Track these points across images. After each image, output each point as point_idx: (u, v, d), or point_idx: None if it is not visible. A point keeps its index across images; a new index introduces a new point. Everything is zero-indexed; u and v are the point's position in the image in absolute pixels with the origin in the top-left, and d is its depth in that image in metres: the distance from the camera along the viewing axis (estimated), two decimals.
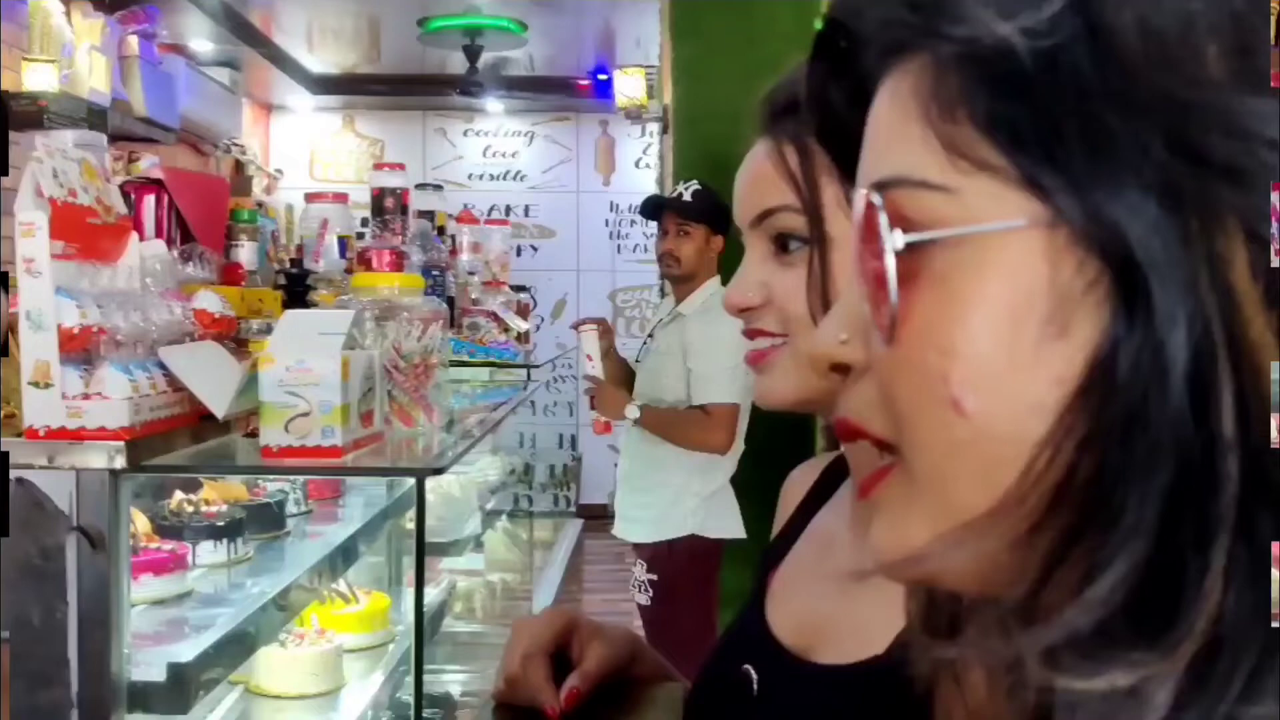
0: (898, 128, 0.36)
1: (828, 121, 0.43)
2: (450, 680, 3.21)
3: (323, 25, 6.35)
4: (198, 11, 5.34)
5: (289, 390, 1.41)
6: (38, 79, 4.06)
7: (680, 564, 3.16)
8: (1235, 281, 0.30)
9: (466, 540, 3.44)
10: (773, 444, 3.52)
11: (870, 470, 0.38)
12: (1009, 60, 0.33)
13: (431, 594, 3.08)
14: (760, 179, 0.79)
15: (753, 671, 0.76)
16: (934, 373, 0.34)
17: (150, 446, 1.42)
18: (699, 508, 3.20)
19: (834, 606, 0.74)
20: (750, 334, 0.79)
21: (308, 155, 7.80)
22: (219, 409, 1.44)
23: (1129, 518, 0.30)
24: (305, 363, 1.42)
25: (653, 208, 3.54)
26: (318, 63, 7.08)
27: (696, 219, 3.34)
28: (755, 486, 3.37)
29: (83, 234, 1.42)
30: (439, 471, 1.53)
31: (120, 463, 1.35)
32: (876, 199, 0.36)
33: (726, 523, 3.21)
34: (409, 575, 3.14)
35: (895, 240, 0.35)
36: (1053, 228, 0.32)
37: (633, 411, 3.24)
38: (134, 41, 5.03)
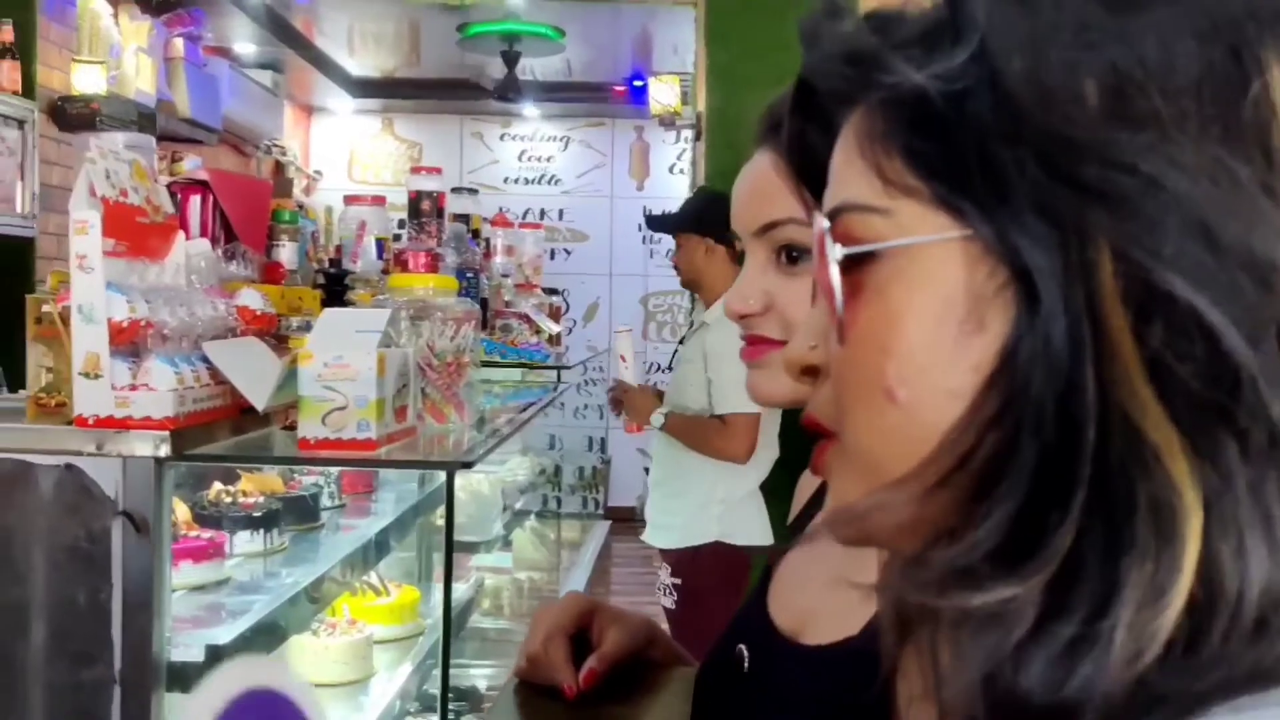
0: (845, 163, 0.43)
1: (805, 162, 0.50)
2: (477, 674, 3.26)
3: (363, 29, 6.44)
4: (241, 14, 5.44)
5: (326, 385, 1.47)
6: (86, 80, 4.16)
7: (704, 570, 3.19)
8: (1102, 283, 0.35)
9: (495, 538, 3.49)
10: (803, 450, 3.55)
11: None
12: (924, 102, 0.39)
13: (460, 590, 3.13)
14: (763, 191, 0.82)
15: (745, 651, 0.81)
16: (873, 368, 0.41)
17: (193, 437, 1.48)
18: (724, 515, 3.22)
19: (821, 594, 0.78)
20: (750, 339, 0.83)
21: (347, 157, 7.90)
22: (259, 402, 1.50)
23: (1012, 477, 0.36)
24: (343, 359, 1.47)
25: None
26: (358, 66, 7.17)
27: (687, 229, 3.37)
28: (787, 491, 3.40)
29: (132, 232, 1.48)
30: (469, 465, 1.58)
31: (165, 451, 1.41)
32: (825, 224, 0.43)
33: (752, 530, 3.22)
34: (438, 570, 3.20)
35: (836, 253, 0.42)
36: (967, 241, 0.39)
37: (658, 419, 3.27)
38: (179, 44, 5.14)
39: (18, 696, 1.42)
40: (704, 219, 3.36)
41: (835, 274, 0.41)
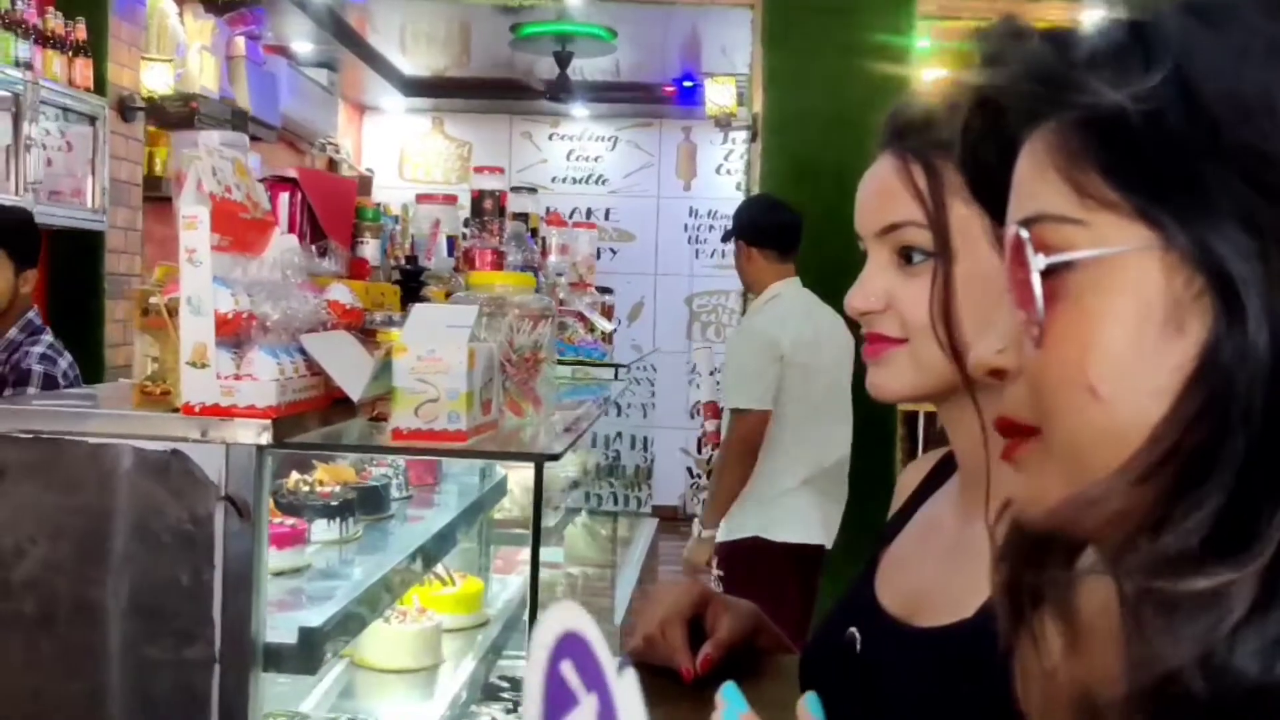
0: (1038, 177, 0.46)
1: (979, 175, 0.53)
2: None
3: (416, 28, 6.52)
4: (299, 13, 5.53)
5: (420, 378, 1.52)
6: (154, 78, 4.25)
7: (743, 564, 3.28)
8: None
9: (549, 532, 3.55)
10: (871, 450, 3.58)
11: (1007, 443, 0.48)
12: (1120, 120, 0.42)
13: (516, 582, 3.19)
14: (886, 193, 0.85)
15: (857, 633, 0.84)
16: (1073, 368, 0.44)
17: (290, 426, 1.53)
18: (760, 511, 3.29)
19: (934, 579, 0.82)
20: (870, 337, 0.86)
21: (397, 156, 8.00)
22: (355, 393, 1.55)
23: (1220, 470, 0.39)
24: (436, 352, 1.52)
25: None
26: (410, 65, 7.26)
27: (730, 235, 3.53)
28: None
29: (235, 228, 1.54)
30: (555, 457, 1.62)
31: (266, 439, 1.46)
32: (1024, 232, 0.46)
33: (792, 527, 3.27)
34: (496, 562, 3.26)
35: (1039, 262, 0.45)
36: (1165, 250, 0.42)
37: (700, 529, 3.45)
38: (241, 42, 5.24)
39: (124, 672, 1.48)
40: (739, 224, 3.47)
41: (1037, 281, 0.44)
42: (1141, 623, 0.40)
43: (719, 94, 5.01)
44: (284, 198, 1.92)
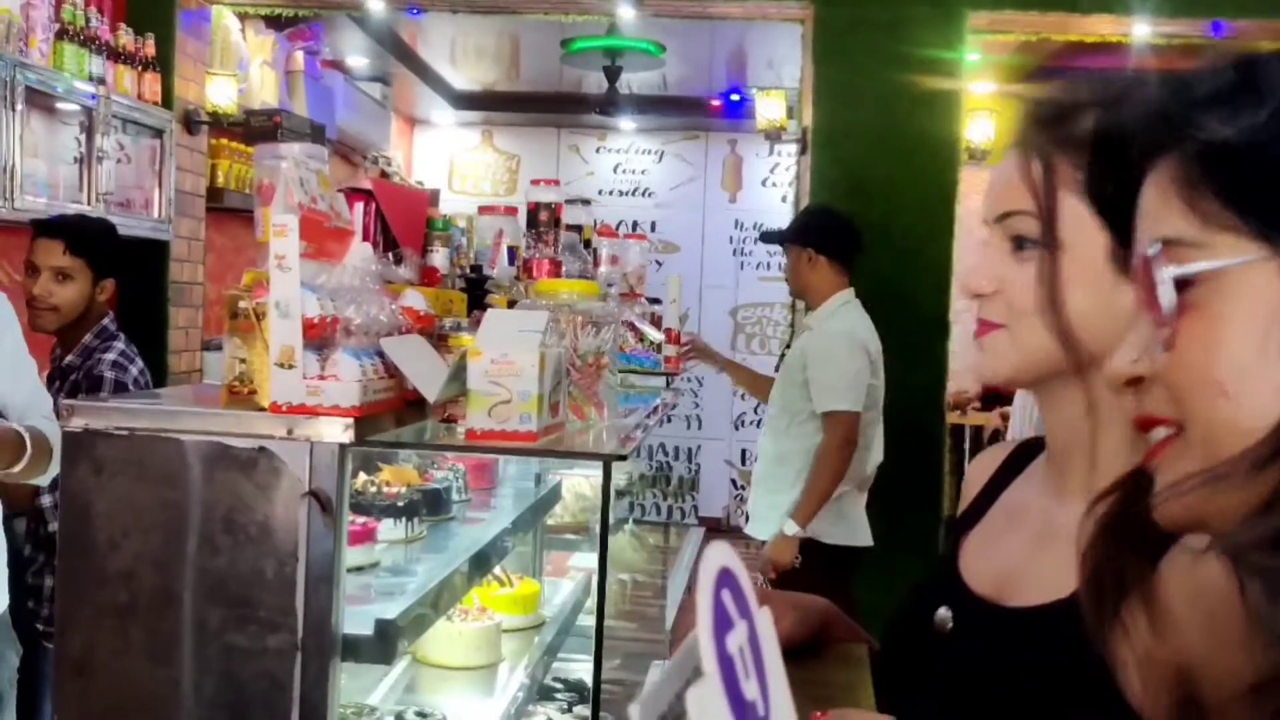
0: (1163, 204, 0.53)
1: (1105, 204, 0.59)
2: (582, 669, 3.36)
3: (466, 43, 6.64)
4: (356, 29, 5.65)
5: (493, 380, 1.58)
6: (219, 92, 4.37)
7: (812, 565, 3.36)
8: None
9: (596, 538, 3.60)
10: (903, 458, 3.61)
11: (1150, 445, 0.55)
12: (1235, 152, 0.49)
13: (567, 587, 3.25)
14: (1005, 183, 0.89)
15: (949, 613, 0.88)
16: (1201, 369, 0.51)
17: (369, 425, 1.60)
18: (831, 515, 3.34)
19: (1024, 561, 0.86)
20: (979, 321, 0.91)
21: (447, 168, 8.12)
22: (431, 394, 1.62)
23: None
24: (508, 356, 1.58)
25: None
26: (461, 79, 7.38)
27: (792, 241, 3.58)
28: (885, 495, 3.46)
29: (319, 236, 1.61)
30: (623, 458, 1.68)
31: (349, 437, 1.53)
32: (1154, 250, 0.53)
33: (841, 530, 3.33)
34: (549, 566, 3.32)
35: (1170, 272, 0.52)
36: (1262, 264, 0.48)
37: (790, 527, 3.45)
38: (299, 57, 5.36)
39: (211, 658, 1.55)
40: (807, 231, 3.51)
41: (1169, 290, 0.51)
42: (1268, 599, 0.45)
43: (769, 107, 5.06)
44: (359, 207, 2.00)
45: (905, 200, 3.85)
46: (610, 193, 8.13)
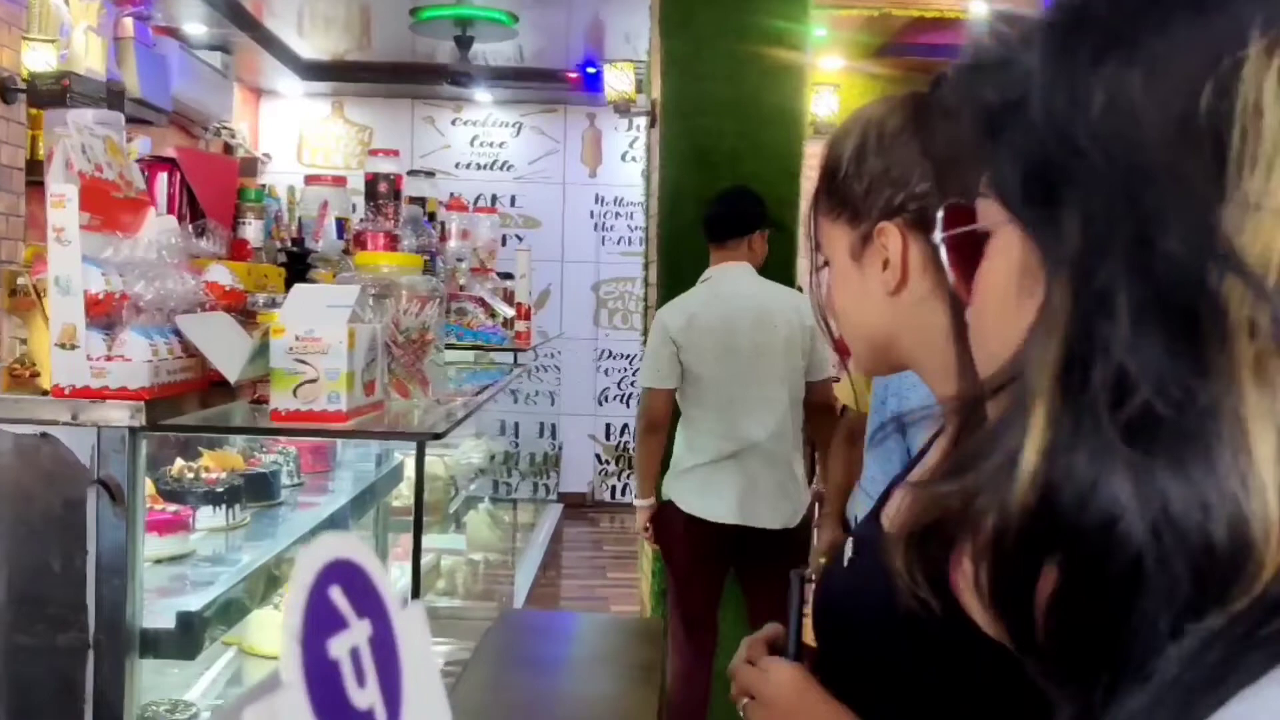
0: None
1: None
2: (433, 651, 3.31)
3: (314, 11, 6.41)
4: None
5: (298, 358, 1.51)
6: (37, 59, 4.12)
7: (657, 523, 3.44)
8: (1078, 246, 0.44)
9: (449, 519, 3.54)
10: None
11: None
12: (994, 117, 0.48)
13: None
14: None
15: (850, 546, 0.96)
16: (976, 330, 0.52)
17: (164, 408, 1.51)
18: (674, 479, 3.40)
19: None
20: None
21: (296, 140, 7.86)
22: (231, 374, 1.54)
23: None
24: (314, 332, 1.51)
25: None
26: (308, 48, 7.14)
27: (765, 226, 3.56)
28: None
29: (107, 207, 1.51)
30: (439, 436, 1.62)
31: (140, 421, 1.44)
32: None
33: (689, 499, 3.35)
34: (394, 550, 3.24)
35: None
36: (1017, 227, 0.48)
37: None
38: (129, 24, 5.10)
39: None
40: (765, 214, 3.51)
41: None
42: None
43: (618, 79, 5.02)
44: (163, 178, 1.89)
45: (752, 173, 3.85)
46: (468, 166, 7.99)
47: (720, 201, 3.49)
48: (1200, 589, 0.39)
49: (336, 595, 0.32)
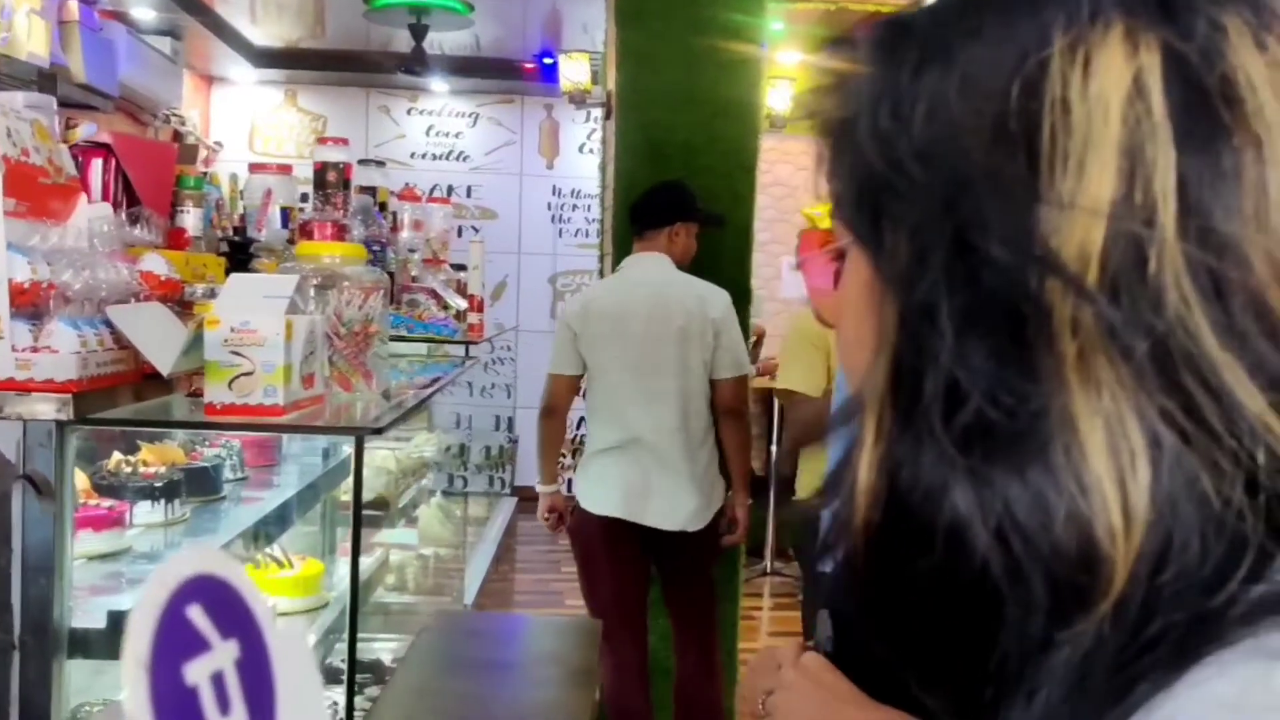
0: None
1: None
2: (381, 648, 3.26)
3: None
4: None
5: (233, 350, 1.47)
6: None
7: (571, 524, 3.41)
8: (906, 261, 0.44)
9: (400, 513, 3.49)
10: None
11: None
12: (838, 132, 0.49)
13: (365, 563, 3.12)
14: None
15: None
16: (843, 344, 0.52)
17: (95, 401, 1.46)
18: (579, 470, 3.40)
19: None
20: None
21: (248, 128, 7.74)
22: (164, 366, 1.49)
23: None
24: (250, 324, 1.47)
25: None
26: (261, 35, 7.03)
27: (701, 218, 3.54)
28: None
29: (34, 193, 1.46)
30: (378, 431, 1.59)
31: (67, 414, 1.39)
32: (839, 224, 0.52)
33: (585, 490, 3.31)
34: (341, 545, 3.19)
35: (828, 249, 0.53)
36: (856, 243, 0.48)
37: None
38: (74, 7, 4.97)
39: None
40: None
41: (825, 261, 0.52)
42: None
43: (573, 70, 4.98)
44: (97, 164, 1.84)
45: (707, 165, 3.84)
46: (424, 156, 7.92)
47: (647, 193, 3.46)
48: (1056, 594, 0.39)
49: (196, 615, 0.29)
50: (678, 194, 3.41)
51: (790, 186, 7.22)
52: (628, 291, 3.26)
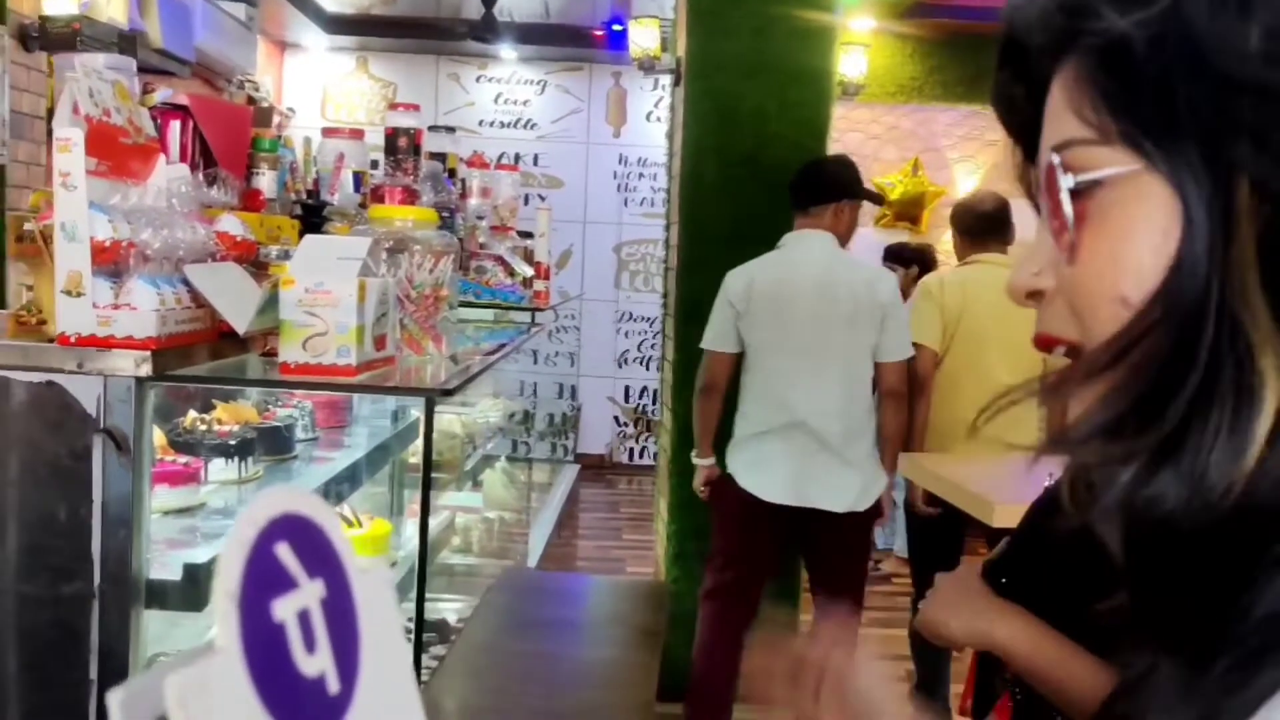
0: (1065, 105, 0.48)
1: (1013, 115, 0.56)
2: (446, 608, 3.31)
3: None
4: None
5: (308, 310, 1.48)
6: (57, 6, 4.09)
7: (716, 490, 3.33)
8: (1238, 207, 0.42)
9: (466, 476, 3.53)
10: None
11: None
12: (1123, 48, 0.44)
13: (432, 524, 3.16)
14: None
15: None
16: (1107, 280, 0.47)
17: (173, 359, 1.49)
18: (731, 450, 3.28)
19: None
20: None
21: (320, 95, 7.82)
22: (240, 325, 1.52)
23: (1149, 365, 0.44)
24: (324, 284, 1.48)
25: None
26: (333, 2, 7.08)
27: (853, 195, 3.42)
28: None
29: (115, 152, 1.48)
30: (449, 393, 1.60)
31: (146, 370, 1.42)
32: (1055, 158, 0.48)
33: (743, 473, 3.21)
34: (409, 505, 3.23)
35: (1068, 181, 0.47)
36: (1150, 172, 0.45)
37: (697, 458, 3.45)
38: None
39: (2, 608, 1.44)
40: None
41: (1067, 200, 0.47)
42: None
43: (643, 36, 4.94)
44: (175, 126, 1.86)
45: (777, 133, 3.80)
46: (492, 124, 7.94)
47: (811, 167, 3.33)
48: None
49: (284, 553, 0.29)
50: (845, 170, 3.31)
51: (861, 155, 7.13)
52: (792, 270, 3.18)
